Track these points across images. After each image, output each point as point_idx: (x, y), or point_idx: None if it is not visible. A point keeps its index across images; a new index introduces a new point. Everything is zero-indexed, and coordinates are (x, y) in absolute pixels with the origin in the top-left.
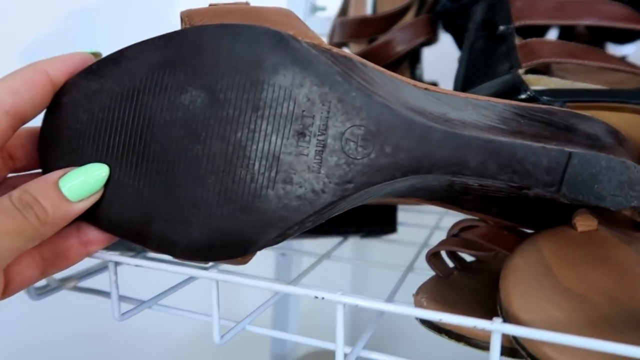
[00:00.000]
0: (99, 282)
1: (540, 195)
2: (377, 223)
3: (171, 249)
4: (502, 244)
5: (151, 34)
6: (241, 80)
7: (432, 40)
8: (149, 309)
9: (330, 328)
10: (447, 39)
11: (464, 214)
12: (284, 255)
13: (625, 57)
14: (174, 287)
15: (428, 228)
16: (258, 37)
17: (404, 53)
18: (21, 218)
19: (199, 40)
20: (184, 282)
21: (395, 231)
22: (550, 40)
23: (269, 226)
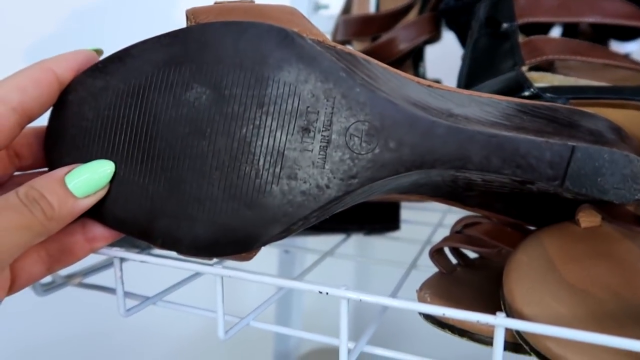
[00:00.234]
0: (104, 279)
1: (544, 190)
2: (380, 220)
3: (176, 245)
4: (506, 240)
5: (155, 33)
6: (246, 77)
7: (435, 38)
8: (154, 305)
9: (333, 326)
10: (450, 37)
11: (467, 210)
12: (287, 252)
13: (629, 54)
14: (178, 283)
15: (431, 226)
16: (263, 34)
17: (407, 51)
18: (28, 213)
19: (204, 38)
20: (188, 278)
21: (399, 228)
22: (554, 37)
23: (274, 222)
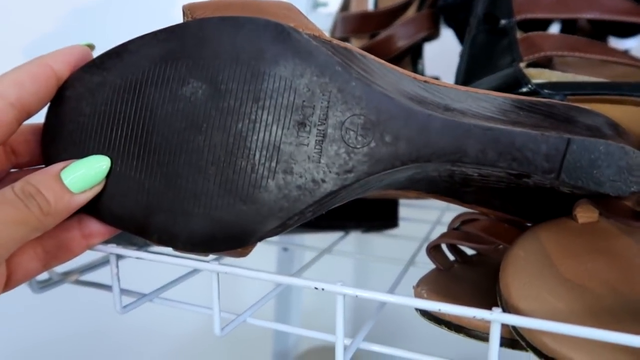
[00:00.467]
0: (101, 276)
1: (540, 184)
2: (379, 218)
3: (172, 240)
4: (503, 237)
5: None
6: (242, 72)
7: (433, 35)
8: (151, 302)
9: (332, 324)
10: (448, 34)
11: (465, 207)
12: (286, 250)
13: (627, 50)
14: (175, 280)
15: (430, 223)
16: (259, 29)
17: (406, 48)
18: (24, 208)
19: (201, 33)
20: (185, 275)
21: (397, 226)
22: (552, 33)
23: (270, 216)
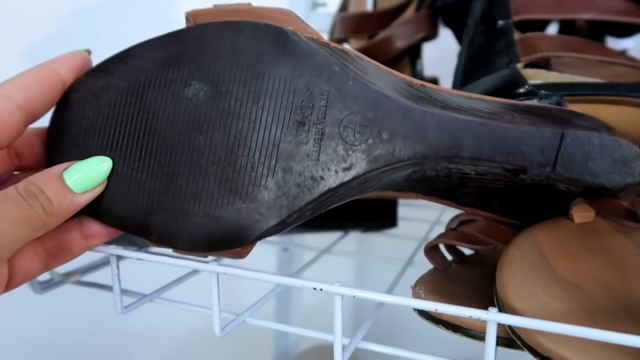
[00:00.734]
0: (101, 277)
1: (537, 180)
2: (378, 218)
3: (172, 240)
4: (501, 237)
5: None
6: (243, 73)
7: (432, 35)
8: (151, 302)
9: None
10: (447, 34)
11: (463, 210)
12: (286, 250)
13: (625, 50)
14: (175, 280)
15: (429, 223)
16: (259, 32)
17: (405, 48)
18: (27, 207)
19: (202, 37)
20: (185, 276)
21: (396, 225)
22: (549, 34)
23: (269, 214)
